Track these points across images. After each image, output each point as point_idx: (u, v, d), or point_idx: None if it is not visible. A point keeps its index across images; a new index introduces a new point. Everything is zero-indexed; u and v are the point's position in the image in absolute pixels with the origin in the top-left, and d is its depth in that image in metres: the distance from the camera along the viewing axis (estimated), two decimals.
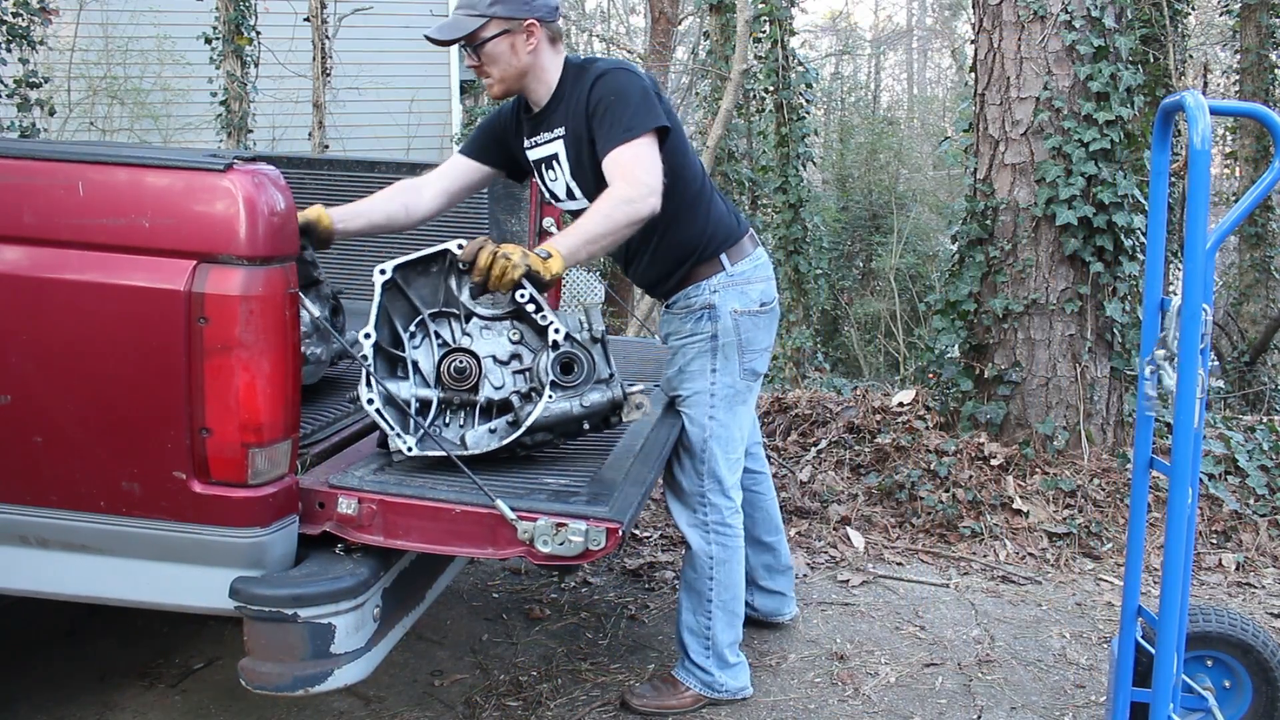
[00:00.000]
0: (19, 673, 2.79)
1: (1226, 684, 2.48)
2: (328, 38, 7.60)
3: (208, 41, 7.96)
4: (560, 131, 2.53)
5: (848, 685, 2.91)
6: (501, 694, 2.81)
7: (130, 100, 10.07)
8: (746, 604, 2.92)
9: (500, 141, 2.69)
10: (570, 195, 2.60)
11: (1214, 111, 2.06)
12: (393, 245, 3.34)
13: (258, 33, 7.92)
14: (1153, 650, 2.23)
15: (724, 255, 2.63)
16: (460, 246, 2.18)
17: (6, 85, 6.41)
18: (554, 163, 2.58)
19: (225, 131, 7.99)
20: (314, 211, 2.41)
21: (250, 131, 8.13)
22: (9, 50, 6.34)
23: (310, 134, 7.65)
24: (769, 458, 4.50)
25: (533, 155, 2.63)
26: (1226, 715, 2.43)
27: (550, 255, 2.19)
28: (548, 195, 2.68)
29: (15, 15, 6.30)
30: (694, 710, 2.73)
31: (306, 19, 7.50)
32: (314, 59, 7.54)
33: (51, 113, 6.79)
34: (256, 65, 8.00)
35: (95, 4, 9.30)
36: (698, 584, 2.71)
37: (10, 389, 1.87)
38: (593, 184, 2.48)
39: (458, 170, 2.71)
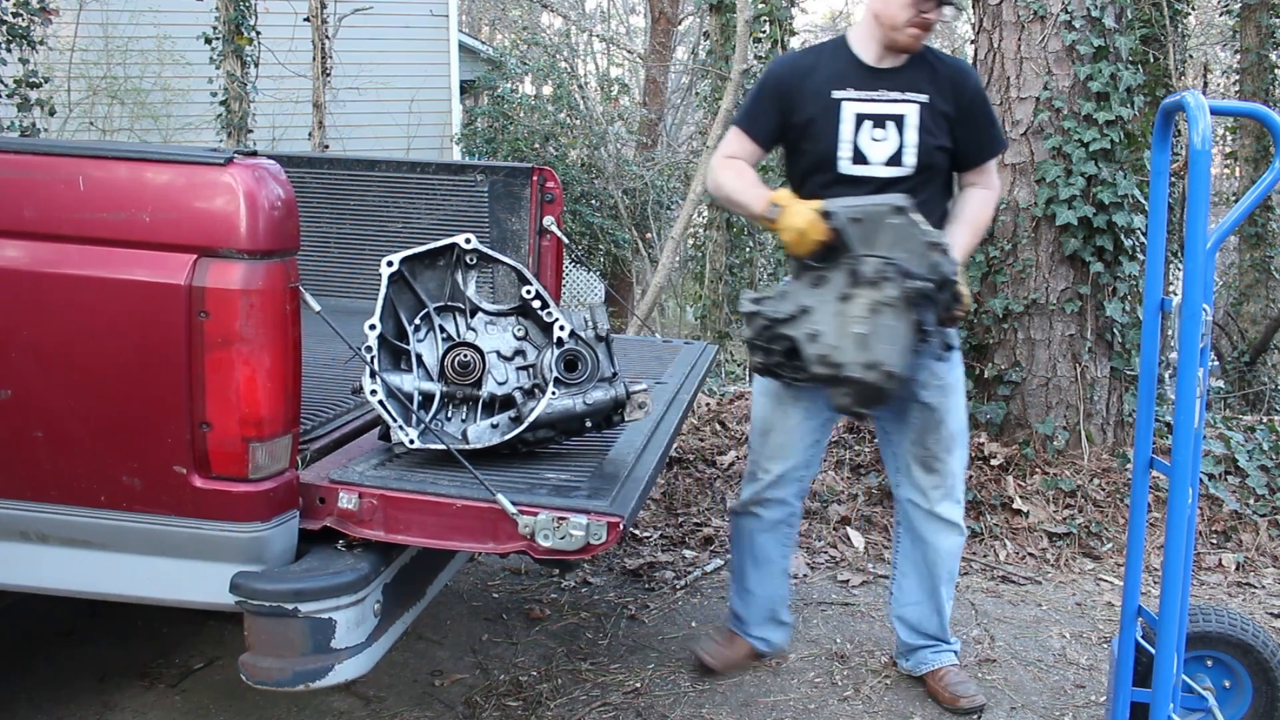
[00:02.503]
0: (19, 673, 2.79)
1: (1226, 684, 2.48)
2: (328, 38, 7.60)
3: (208, 41, 7.96)
4: (921, 97, 2.53)
5: (848, 685, 2.91)
6: (501, 694, 2.80)
7: (130, 100, 10.07)
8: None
9: (782, 109, 2.62)
10: (894, 161, 2.54)
11: (1214, 111, 2.06)
12: (394, 242, 3.34)
13: (258, 33, 7.91)
14: (1153, 650, 2.23)
15: None
16: (468, 241, 2.18)
17: (6, 85, 6.40)
18: (893, 123, 2.53)
19: (225, 131, 7.99)
20: None
21: (250, 131, 8.12)
22: (9, 50, 6.33)
23: (310, 134, 7.65)
24: None
25: (859, 107, 2.54)
26: (1226, 715, 2.43)
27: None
28: (845, 152, 2.56)
29: (15, 15, 6.29)
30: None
31: (306, 19, 7.49)
32: (314, 59, 7.53)
33: (51, 113, 6.79)
34: (256, 65, 7.99)
35: (95, 4, 9.29)
36: (954, 568, 2.81)
37: (10, 384, 1.86)
38: (926, 161, 2.54)
39: (750, 158, 2.68)
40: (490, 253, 2.22)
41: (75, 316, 1.83)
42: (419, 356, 2.17)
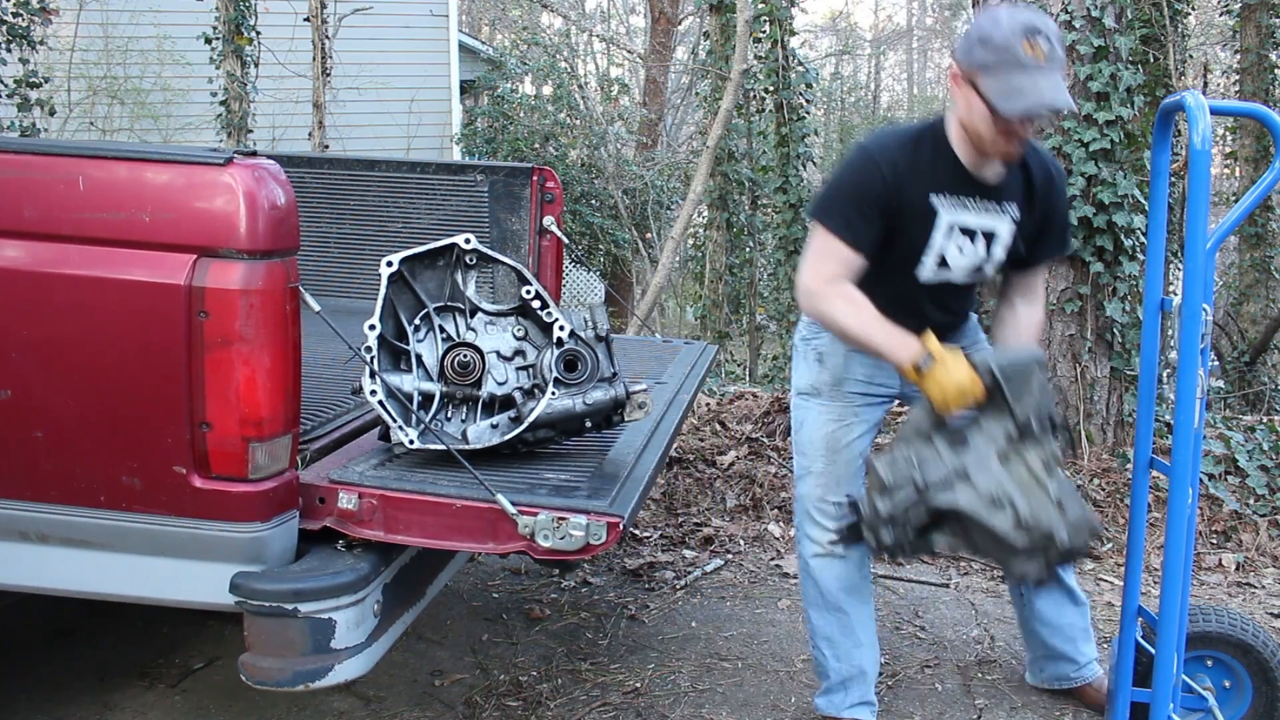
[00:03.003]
0: (19, 673, 2.79)
1: (1226, 684, 2.48)
2: (328, 38, 7.60)
3: (208, 41, 7.96)
4: (1015, 213, 2.35)
5: None
6: (501, 694, 2.80)
7: (130, 100, 10.07)
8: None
9: (884, 214, 2.28)
10: (975, 271, 2.39)
11: (1214, 112, 2.06)
12: (394, 242, 3.34)
13: (258, 33, 7.92)
14: (1153, 650, 2.23)
15: None
16: (468, 241, 2.18)
17: (6, 85, 6.40)
18: (984, 238, 2.34)
19: (225, 131, 7.99)
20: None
21: (250, 131, 8.12)
22: (9, 50, 6.33)
23: (310, 134, 7.65)
24: (769, 457, 4.50)
25: (954, 217, 2.31)
26: (1226, 715, 2.43)
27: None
28: (930, 260, 2.34)
29: (15, 15, 6.30)
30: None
31: (306, 19, 7.50)
32: (314, 59, 7.53)
33: (51, 113, 6.79)
34: (256, 65, 7.99)
35: (95, 4, 9.30)
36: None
37: (10, 384, 1.86)
38: (998, 271, 2.44)
39: (858, 274, 2.31)
40: (490, 253, 2.22)
41: (75, 316, 1.83)
42: (419, 357, 2.17)
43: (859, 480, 2.49)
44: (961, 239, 2.32)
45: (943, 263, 2.35)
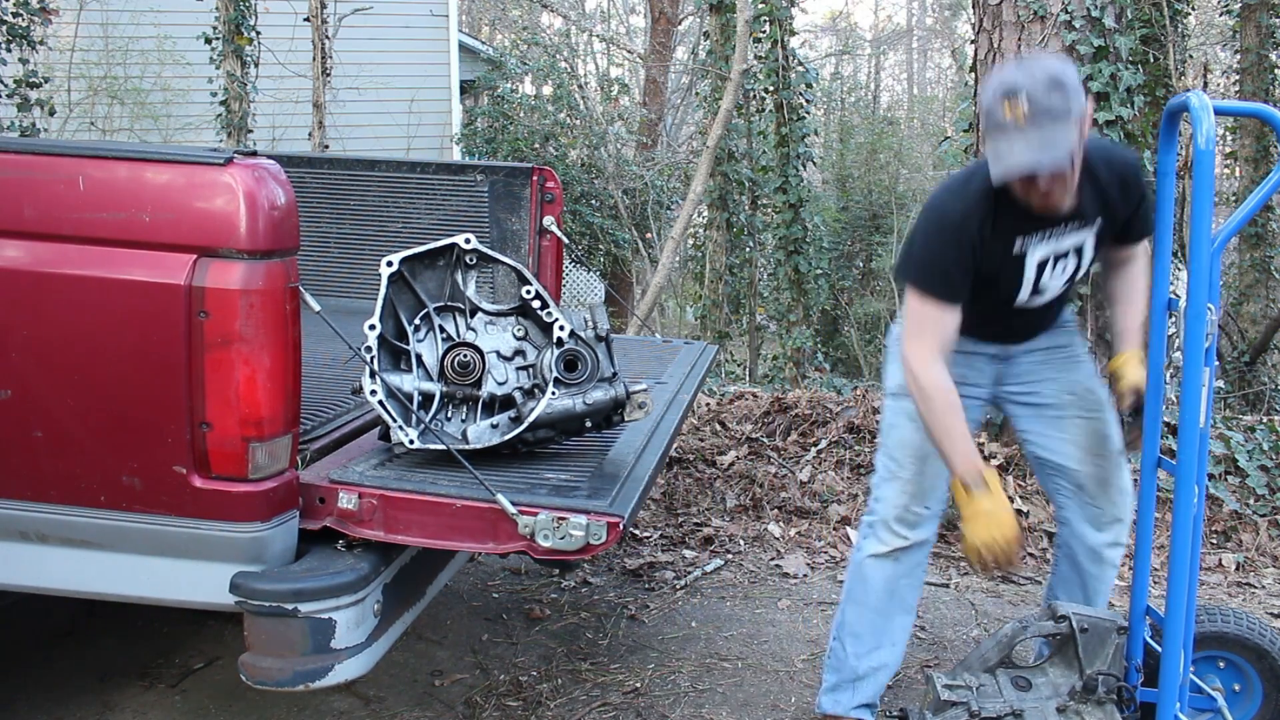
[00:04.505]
0: (19, 673, 2.78)
1: (1236, 687, 2.46)
2: (328, 38, 7.60)
3: (208, 41, 7.96)
4: (1096, 222, 2.31)
5: None
6: (501, 694, 2.80)
7: (130, 100, 10.07)
8: None
9: (973, 267, 2.28)
10: (1068, 283, 2.38)
11: (1218, 112, 2.05)
12: (394, 242, 3.34)
13: (258, 33, 7.92)
14: (1159, 650, 2.22)
15: None
16: (468, 241, 2.18)
17: (6, 85, 6.41)
18: (1074, 254, 2.34)
19: (225, 131, 7.99)
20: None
21: (250, 131, 8.13)
22: (9, 50, 6.34)
23: (310, 134, 7.66)
24: (769, 457, 4.50)
25: (1041, 254, 2.29)
26: (1235, 718, 2.42)
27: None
28: (1025, 293, 2.34)
29: (15, 15, 6.30)
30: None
31: (306, 19, 7.50)
32: (314, 59, 7.54)
33: (51, 113, 6.79)
34: (256, 65, 8.00)
35: (95, 4, 9.30)
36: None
37: (10, 384, 1.86)
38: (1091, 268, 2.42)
39: (957, 332, 2.32)
40: (490, 253, 2.22)
41: (75, 316, 1.83)
42: (419, 356, 2.17)
43: (945, 488, 2.45)
44: (1054, 265, 2.32)
45: (1037, 290, 2.36)
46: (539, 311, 2.18)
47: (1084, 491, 2.51)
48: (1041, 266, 2.31)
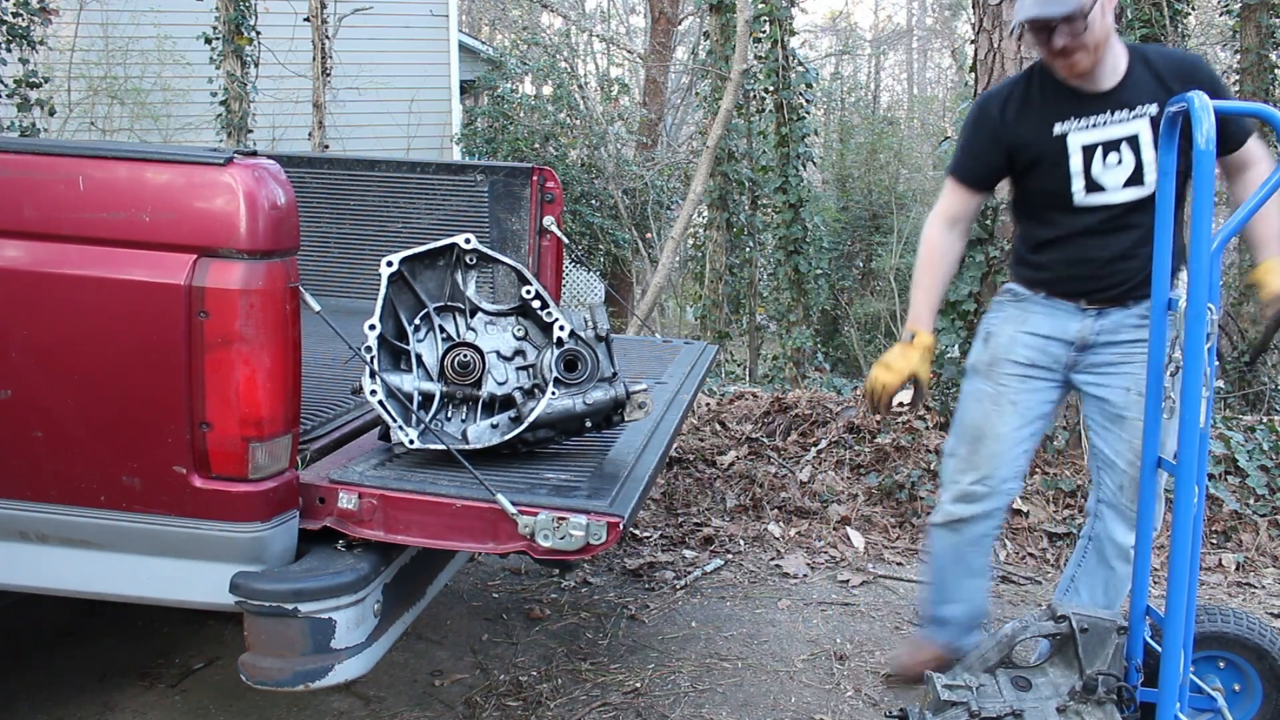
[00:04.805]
0: (19, 673, 2.78)
1: (1236, 687, 2.47)
2: (328, 38, 7.60)
3: (208, 41, 7.96)
4: (1150, 109, 2.35)
5: (848, 685, 2.91)
6: (501, 694, 2.80)
7: (130, 100, 10.07)
8: None
9: (998, 149, 2.49)
10: (1133, 182, 2.39)
11: (1219, 112, 2.05)
12: (394, 242, 3.34)
13: (258, 33, 7.92)
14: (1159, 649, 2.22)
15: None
16: (468, 241, 2.18)
17: (6, 85, 6.40)
18: (1127, 145, 2.37)
19: (225, 131, 7.99)
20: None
21: (250, 131, 8.13)
22: (9, 50, 6.33)
23: (310, 134, 7.66)
24: (769, 457, 4.50)
25: (1084, 138, 2.39)
26: (1235, 718, 2.42)
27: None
28: (1078, 185, 2.41)
29: (15, 15, 6.30)
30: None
31: (306, 19, 7.50)
32: (314, 59, 7.54)
33: (51, 113, 6.79)
34: (256, 65, 8.00)
35: (95, 4, 9.30)
36: None
37: (10, 384, 1.86)
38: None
39: (970, 208, 2.60)
40: (490, 253, 2.22)
41: (75, 316, 1.83)
42: (419, 356, 2.17)
43: (1008, 469, 2.59)
44: (1104, 157, 2.37)
45: (1093, 186, 2.39)
46: (539, 311, 2.18)
47: (1124, 492, 2.56)
48: (1089, 154, 2.38)
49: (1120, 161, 2.37)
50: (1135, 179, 2.39)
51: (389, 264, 2.12)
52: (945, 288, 2.68)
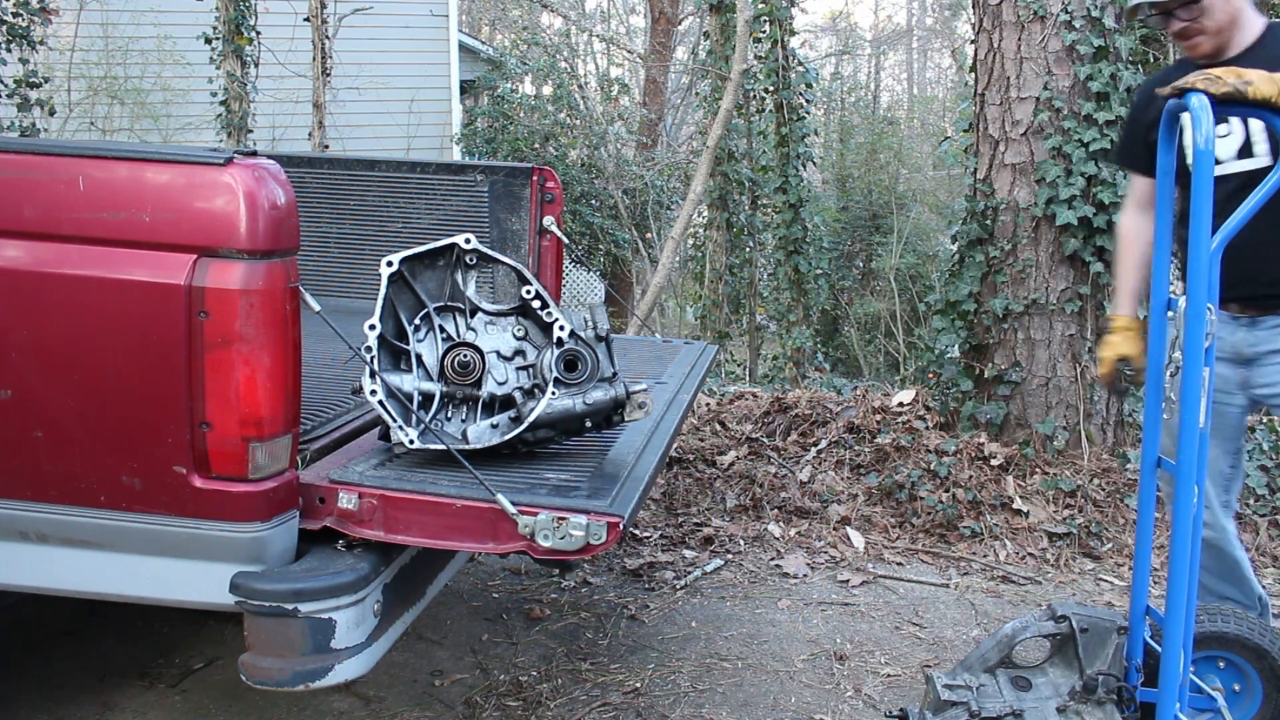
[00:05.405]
0: (19, 673, 2.78)
1: (1236, 687, 2.47)
2: (328, 38, 7.60)
3: (208, 41, 7.96)
4: None
5: (848, 685, 2.91)
6: (501, 694, 2.80)
7: (130, 100, 10.07)
8: None
9: (1142, 130, 2.56)
10: (1245, 153, 2.44)
11: (1218, 112, 2.05)
12: (394, 242, 3.34)
13: (258, 33, 7.92)
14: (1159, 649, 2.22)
15: None
16: (468, 241, 2.18)
17: (6, 85, 6.40)
18: (1237, 121, 2.43)
19: (225, 131, 7.99)
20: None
21: (250, 131, 8.12)
22: (9, 50, 6.33)
23: (310, 134, 7.66)
24: (769, 457, 4.50)
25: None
26: (1234, 718, 2.42)
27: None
28: (1188, 157, 2.39)
29: (15, 15, 6.29)
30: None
31: (306, 19, 7.50)
32: (314, 59, 7.54)
33: (51, 113, 6.78)
34: (256, 65, 7.99)
35: (95, 4, 9.30)
36: None
37: (10, 384, 1.86)
38: None
39: (1151, 190, 2.54)
40: (490, 253, 2.22)
41: (75, 316, 1.83)
42: (419, 356, 2.17)
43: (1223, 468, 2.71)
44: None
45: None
46: (539, 311, 2.18)
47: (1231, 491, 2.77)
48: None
49: (1230, 132, 2.44)
50: (1246, 150, 2.45)
51: (389, 264, 2.12)
52: (1144, 270, 2.65)
